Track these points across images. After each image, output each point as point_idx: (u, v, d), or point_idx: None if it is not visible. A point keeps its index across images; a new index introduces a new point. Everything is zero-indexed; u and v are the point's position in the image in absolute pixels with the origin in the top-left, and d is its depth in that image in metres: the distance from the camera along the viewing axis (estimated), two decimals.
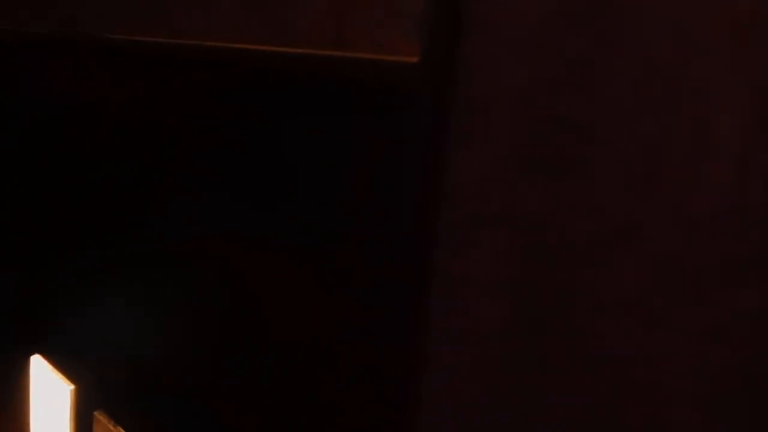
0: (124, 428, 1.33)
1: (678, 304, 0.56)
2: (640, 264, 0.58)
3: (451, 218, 0.71)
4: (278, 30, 0.94)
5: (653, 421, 0.58)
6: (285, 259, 0.94)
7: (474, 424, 0.69)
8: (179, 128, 1.11)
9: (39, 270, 1.57)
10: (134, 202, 1.23)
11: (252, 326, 1.01)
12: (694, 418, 0.55)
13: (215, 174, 1.05)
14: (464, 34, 0.68)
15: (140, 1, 1.18)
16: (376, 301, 0.82)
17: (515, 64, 0.65)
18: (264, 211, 0.97)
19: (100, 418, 1.36)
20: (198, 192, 1.09)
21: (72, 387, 1.44)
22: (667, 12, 0.55)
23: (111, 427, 1.33)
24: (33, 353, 1.58)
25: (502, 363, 0.66)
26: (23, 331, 1.64)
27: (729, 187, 0.52)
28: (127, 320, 1.29)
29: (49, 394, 1.51)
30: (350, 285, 0.85)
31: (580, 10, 0.60)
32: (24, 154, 1.55)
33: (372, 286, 0.82)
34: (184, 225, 1.12)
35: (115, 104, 1.25)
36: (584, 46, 0.60)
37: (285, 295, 0.95)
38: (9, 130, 1.58)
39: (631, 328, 0.58)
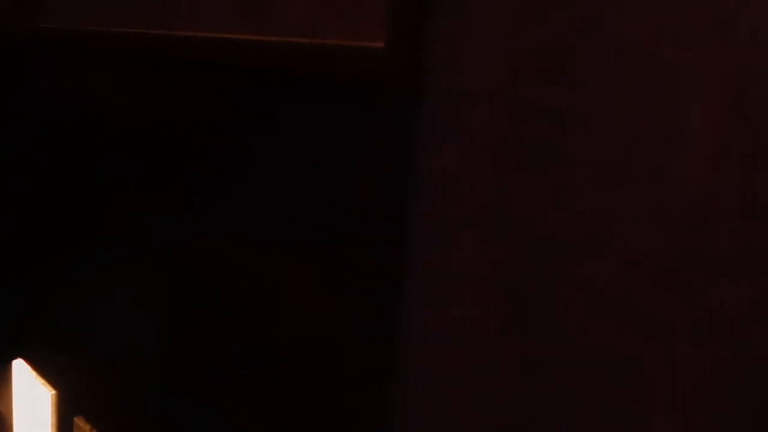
0: None
1: (655, 298, 0.53)
2: (619, 258, 0.55)
3: (425, 214, 0.69)
4: (253, 18, 0.91)
5: (633, 418, 0.55)
6: (249, 257, 0.91)
7: (454, 423, 0.68)
8: (154, 123, 1.08)
9: (24, 274, 1.55)
10: (120, 204, 1.21)
11: (227, 328, 0.98)
12: (675, 416, 0.53)
13: (186, 167, 1.02)
14: (434, 21, 0.66)
15: None
16: (351, 302, 0.79)
17: (487, 53, 0.63)
18: (228, 205, 0.94)
19: (79, 423, 1.33)
20: (169, 187, 1.06)
21: (53, 392, 1.41)
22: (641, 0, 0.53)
23: None
24: (16, 357, 1.56)
25: (482, 362, 0.65)
26: (6, 335, 1.62)
27: (705, 179, 0.51)
28: (110, 326, 1.26)
29: (31, 398, 1.48)
30: (324, 285, 0.82)
31: None
32: (7, 160, 1.54)
33: (347, 287, 0.79)
34: (161, 228, 1.10)
35: (93, 98, 1.23)
36: (558, 34, 0.58)
37: (255, 294, 0.92)
38: None
39: (611, 323, 0.56)
